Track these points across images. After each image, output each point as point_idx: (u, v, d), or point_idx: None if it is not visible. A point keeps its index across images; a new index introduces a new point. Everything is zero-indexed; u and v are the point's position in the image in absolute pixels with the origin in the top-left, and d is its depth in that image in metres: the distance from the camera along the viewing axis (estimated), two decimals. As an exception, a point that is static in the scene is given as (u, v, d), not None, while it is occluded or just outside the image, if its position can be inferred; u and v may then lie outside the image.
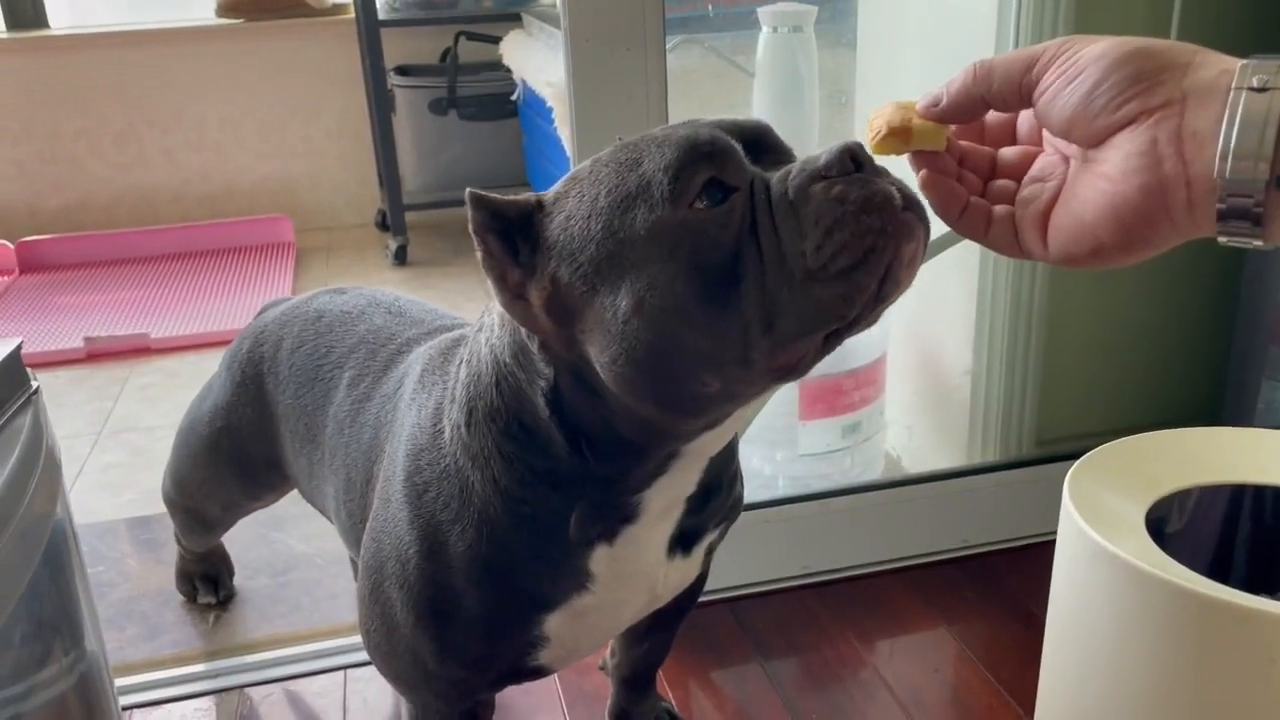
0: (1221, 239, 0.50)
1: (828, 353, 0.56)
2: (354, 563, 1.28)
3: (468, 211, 0.59)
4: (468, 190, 0.59)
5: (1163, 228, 0.50)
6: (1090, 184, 0.52)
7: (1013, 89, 0.54)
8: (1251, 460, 0.83)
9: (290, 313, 1.00)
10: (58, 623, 0.69)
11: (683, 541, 0.72)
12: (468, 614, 0.69)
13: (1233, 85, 0.47)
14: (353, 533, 0.82)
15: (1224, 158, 0.47)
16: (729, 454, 0.73)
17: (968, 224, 0.58)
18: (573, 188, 0.60)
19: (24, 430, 0.64)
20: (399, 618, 0.72)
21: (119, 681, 1.12)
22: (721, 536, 0.79)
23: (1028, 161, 0.58)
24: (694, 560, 0.75)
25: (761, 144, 0.59)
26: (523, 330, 0.63)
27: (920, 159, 0.58)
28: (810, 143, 1.35)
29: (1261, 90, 0.46)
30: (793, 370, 0.56)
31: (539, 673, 0.76)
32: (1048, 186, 0.55)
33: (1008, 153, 0.59)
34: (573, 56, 1.00)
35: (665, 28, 1.01)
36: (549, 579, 0.69)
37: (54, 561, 0.67)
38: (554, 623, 0.71)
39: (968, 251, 1.28)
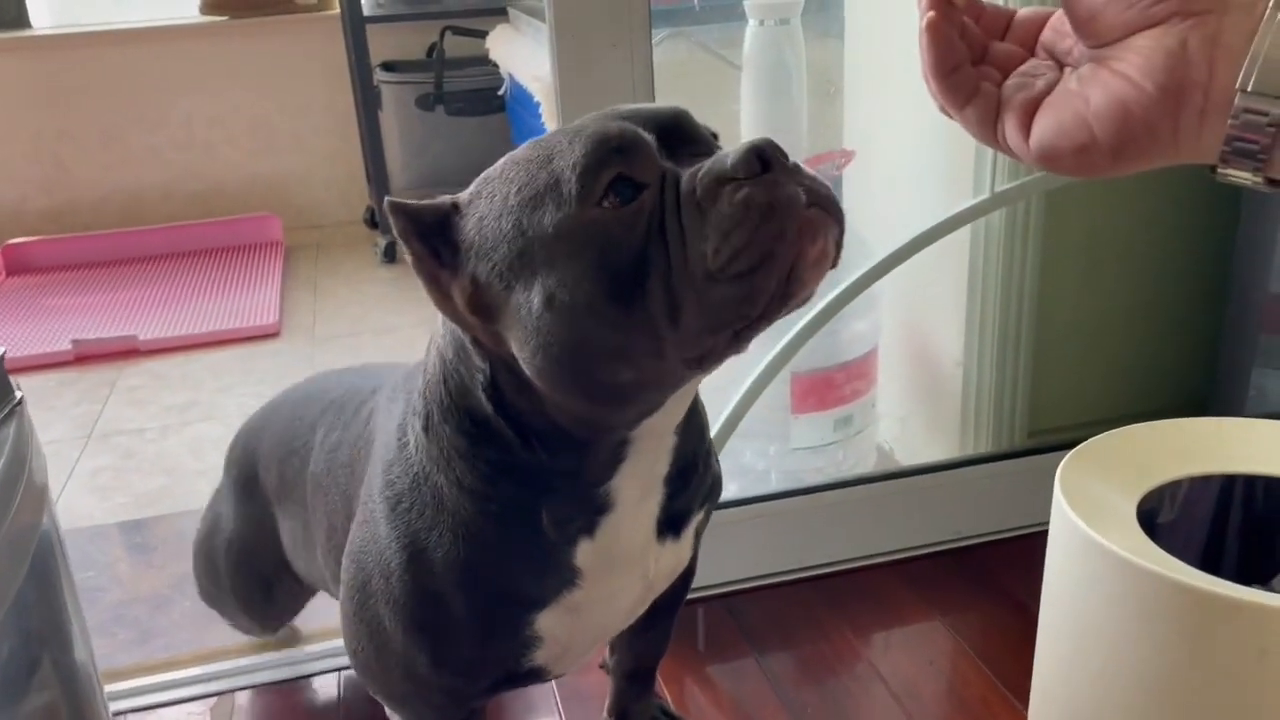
0: (1220, 169, 0.48)
1: (739, 348, 0.57)
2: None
3: (389, 219, 0.61)
4: (385, 199, 0.61)
5: (1163, 137, 0.48)
6: (1101, 79, 0.49)
7: None
8: (1242, 450, 0.83)
9: (277, 400, 1.01)
10: (45, 635, 0.68)
11: (671, 524, 0.72)
12: (457, 619, 0.69)
13: (1270, 4, 0.45)
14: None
15: (1248, 74, 0.45)
16: (698, 430, 0.73)
17: (953, 86, 0.54)
18: (485, 187, 0.61)
19: (8, 442, 0.63)
20: (388, 632, 0.71)
21: (110, 687, 1.12)
22: (706, 518, 0.79)
23: (1015, 61, 0.55)
24: (685, 543, 0.75)
25: (678, 133, 0.60)
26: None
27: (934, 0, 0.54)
28: (799, 134, 1.34)
29: None
30: (704, 361, 0.57)
31: (536, 676, 0.75)
32: (1038, 82, 0.53)
33: (998, 47, 0.56)
34: (558, 52, 1.00)
35: (651, 22, 1.01)
36: (534, 577, 0.68)
37: (41, 574, 0.67)
38: (547, 621, 0.70)
39: (958, 243, 1.28)
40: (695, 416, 0.72)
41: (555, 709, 1.07)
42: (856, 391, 1.37)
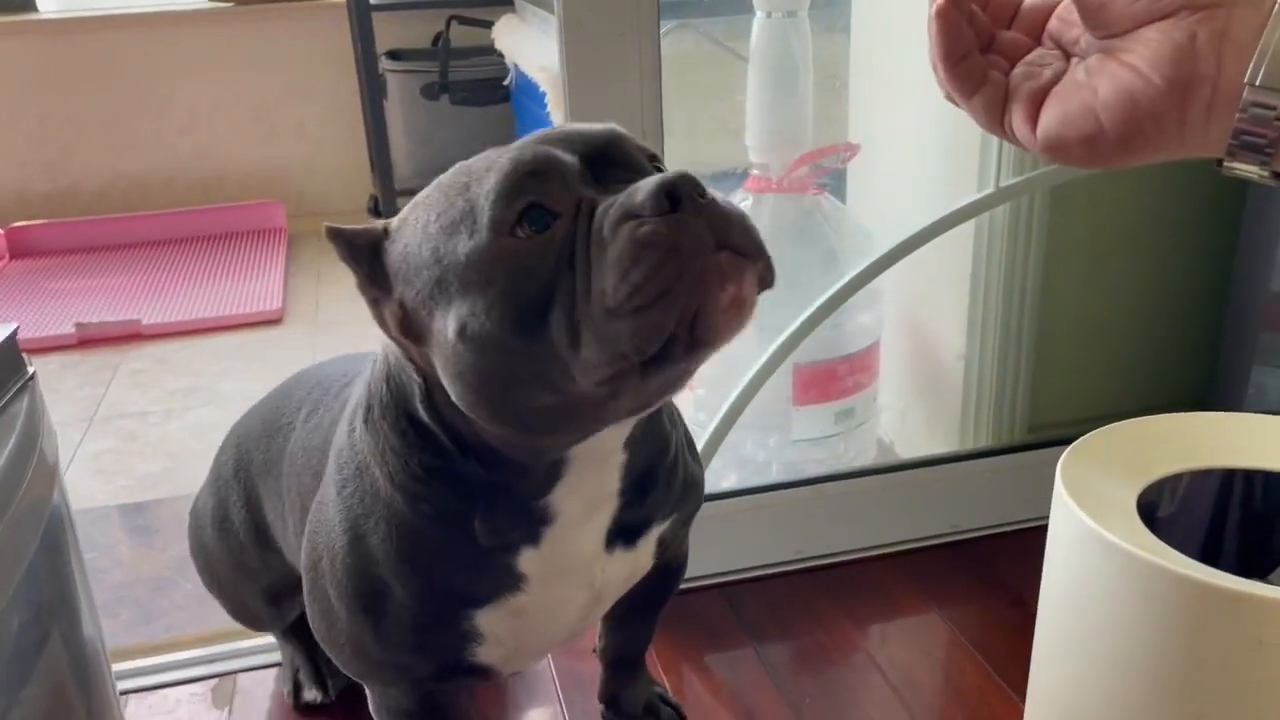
0: (1227, 163, 0.48)
1: (672, 390, 0.57)
2: None
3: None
4: (324, 225, 0.61)
5: (1170, 130, 0.48)
6: (1109, 71, 0.49)
7: None
8: (1242, 445, 0.83)
9: (272, 391, 0.99)
10: (55, 608, 0.69)
11: (623, 535, 0.72)
12: (396, 604, 0.70)
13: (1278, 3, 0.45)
14: None
15: (1256, 68, 0.45)
16: (659, 445, 0.72)
17: (961, 74, 0.54)
18: (412, 213, 0.62)
19: (20, 416, 0.64)
20: (335, 611, 0.73)
21: (113, 667, 1.12)
22: (677, 526, 0.78)
23: (1021, 50, 0.55)
24: (641, 552, 0.74)
25: (610, 157, 0.59)
26: None
27: None
28: (804, 127, 1.35)
29: None
30: (614, 398, 0.56)
31: (486, 673, 0.75)
32: (1045, 72, 0.53)
33: (1004, 35, 0.56)
34: (566, 42, 1.00)
35: (659, 12, 1.01)
36: (471, 578, 0.69)
37: (51, 547, 0.67)
38: (488, 621, 0.70)
39: (961, 238, 1.28)
40: (654, 431, 0.71)
41: (555, 696, 1.08)
42: (858, 384, 1.38)
